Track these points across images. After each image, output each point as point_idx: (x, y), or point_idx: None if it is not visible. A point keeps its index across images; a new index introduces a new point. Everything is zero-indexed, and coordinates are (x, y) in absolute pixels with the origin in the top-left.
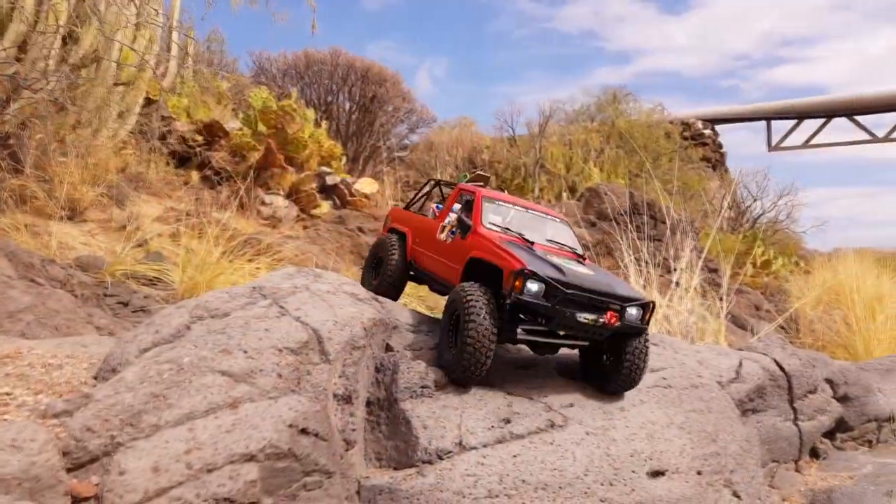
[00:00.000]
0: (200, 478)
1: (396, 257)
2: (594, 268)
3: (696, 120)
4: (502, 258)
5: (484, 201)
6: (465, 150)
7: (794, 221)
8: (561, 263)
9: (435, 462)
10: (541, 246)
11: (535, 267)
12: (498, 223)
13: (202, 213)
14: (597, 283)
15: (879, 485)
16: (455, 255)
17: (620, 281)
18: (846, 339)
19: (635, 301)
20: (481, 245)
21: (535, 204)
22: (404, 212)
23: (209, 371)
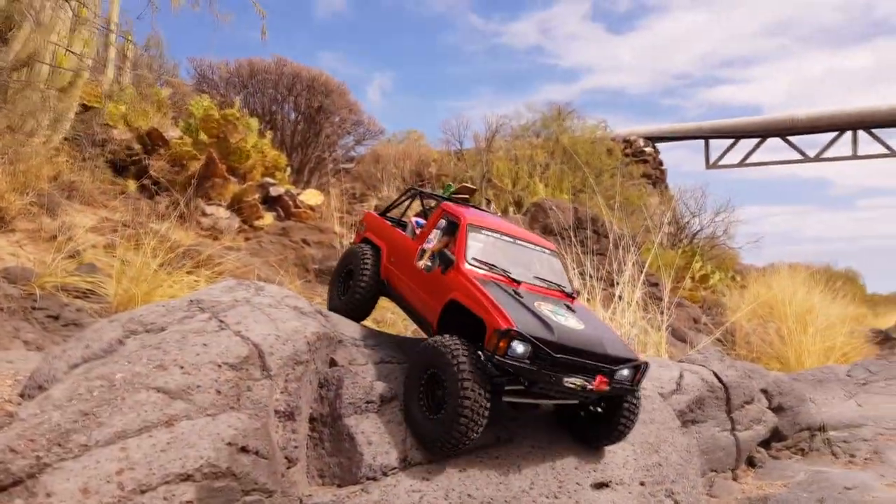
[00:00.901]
0: (133, 499)
1: (369, 273)
2: (584, 315)
3: (638, 137)
4: (486, 311)
5: (469, 231)
6: (413, 162)
7: (730, 237)
8: (549, 316)
9: (380, 478)
10: (528, 286)
11: (522, 324)
12: (482, 258)
13: (139, 223)
14: (587, 341)
15: (812, 492)
16: (433, 291)
17: (612, 334)
18: (779, 351)
19: (626, 362)
20: (463, 288)
21: (524, 231)
22: (380, 220)
23: (143, 388)
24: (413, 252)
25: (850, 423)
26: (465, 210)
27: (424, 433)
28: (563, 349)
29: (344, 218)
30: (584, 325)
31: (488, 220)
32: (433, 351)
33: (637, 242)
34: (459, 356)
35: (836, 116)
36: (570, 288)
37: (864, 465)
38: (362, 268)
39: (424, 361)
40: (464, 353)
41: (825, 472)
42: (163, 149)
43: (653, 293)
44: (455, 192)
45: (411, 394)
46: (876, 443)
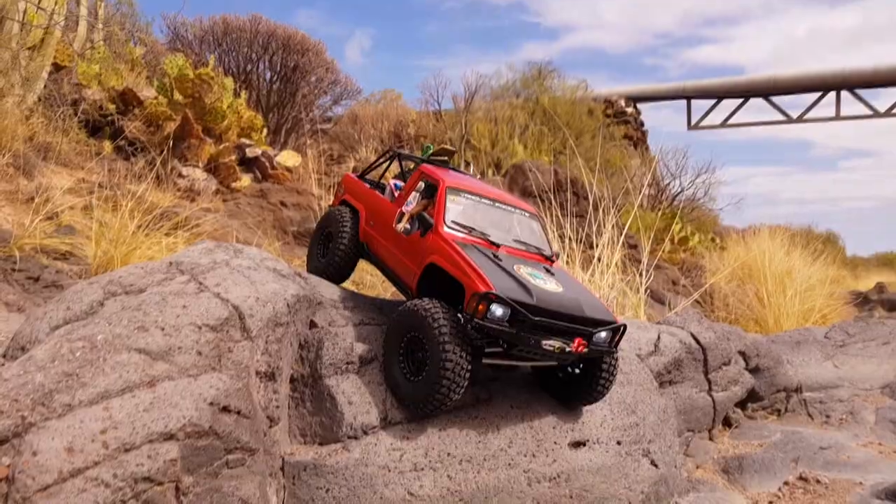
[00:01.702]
0: (118, 457)
1: (347, 237)
2: (563, 277)
3: (619, 98)
4: (465, 274)
5: (448, 194)
6: (391, 123)
7: (711, 199)
8: (528, 278)
9: (360, 437)
10: (507, 248)
11: (501, 287)
12: (461, 221)
13: (116, 184)
14: (566, 303)
15: (787, 452)
16: (412, 254)
17: (591, 297)
18: (758, 313)
19: (605, 324)
20: (442, 251)
21: (503, 193)
22: (359, 183)
23: (125, 349)
24: (392, 215)
25: (827, 385)
26: (443, 173)
27: (406, 395)
28: (541, 312)
29: (322, 179)
30: (562, 288)
31: (467, 182)
32: (413, 314)
33: (617, 205)
34: (440, 319)
35: (819, 76)
36: (550, 251)
37: (839, 425)
38: (341, 231)
39: (404, 324)
40: (444, 316)
41: (800, 433)
42: (137, 109)
43: (632, 255)
44: (434, 154)
45: (391, 357)
46: (851, 403)
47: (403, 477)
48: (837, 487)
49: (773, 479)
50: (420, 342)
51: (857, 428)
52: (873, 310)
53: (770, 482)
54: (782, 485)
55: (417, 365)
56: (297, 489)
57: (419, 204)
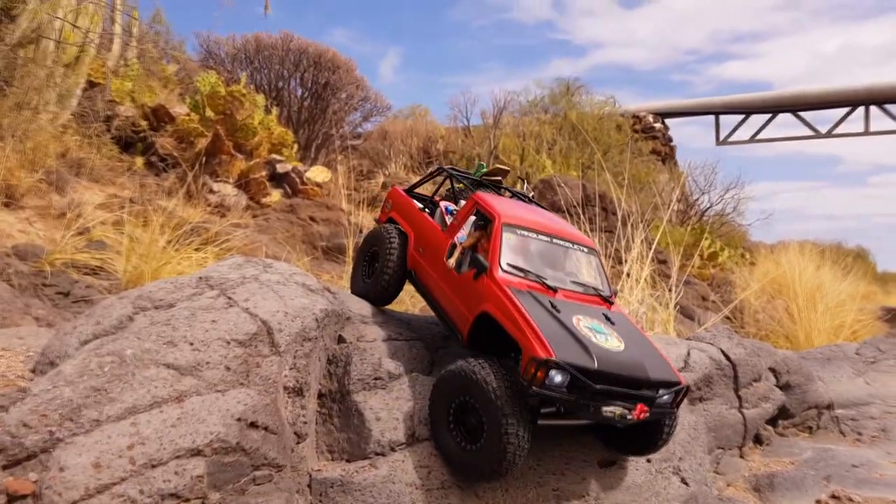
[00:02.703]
0: (144, 473)
1: (395, 260)
2: (624, 327)
3: (647, 113)
4: (523, 332)
5: (503, 231)
6: (420, 139)
7: (740, 214)
8: (588, 335)
9: (388, 454)
10: (565, 293)
11: (560, 350)
12: (517, 263)
13: (147, 200)
14: (628, 365)
15: (819, 469)
16: (464, 296)
17: (654, 351)
18: (788, 329)
19: (668, 385)
20: (497, 300)
21: (560, 225)
22: (407, 200)
23: (153, 364)
24: (443, 245)
25: (858, 401)
26: (498, 204)
27: (463, 464)
28: (603, 377)
29: (351, 195)
30: (624, 345)
31: (523, 214)
32: (464, 378)
33: (646, 219)
34: (494, 384)
35: (847, 92)
36: (609, 290)
37: (871, 442)
38: (388, 253)
39: (453, 387)
40: (499, 381)
41: (832, 450)
42: (169, 125)
43: (661, 270)
44: (487, 174)
45: (440, 422)
46: (884, 420)
47: (431, 495)
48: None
49: (804, 497)
50: (472, 407)
51: (889, 445)
52: None
53: (802, 500)
54: (814, 503)
55: (470, 431)
56: None
57: (472, 236)
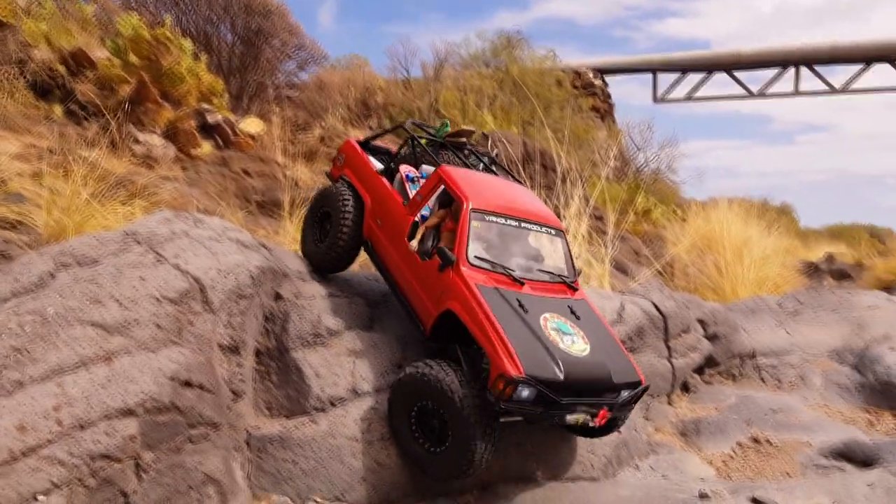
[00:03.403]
0: (73, 435)
1: (349, 226)
2: (590, 324)
3: (587, 69)
4: (491, 344)
5: (472, 220)
6: (358, 90)
7: (673, 172)
8: (556, 340)
9: (328, 409)
10: (532, 284)
11: (529, 362)
12: (485, 255)
13: (68, 150)
14: (594, 371)
15: (741, 414)
16: (427, 286)
17: (617, 349)
18: (716, 282)
19: (631, 386)
20: (464, 300)
21: (528, 204)
22: (362, 159)
23: (78, 323)
24: (403, 222)
25: (779, 350)
26: (466, 185)
27: (430, 467)
28: (569, 387)
29: (287, 148)
30: (589, 347)
31: (492, 195)
32: (427, 384)
33: (584, 177)
34: (463, 396)
35: (780, 52)
36: (574, 273)
37: (790, 388)
38: (342, 218)
39: (415, 392)
40: (467, 391)
41: (753, 396)
42: (89, 71)
43: (598, 227)
44: (450, 136)
45: (402, 426)
46: (802, 368)
47: (372, 447)
48: (787, 447)
49: (727, 441)
50: (434, 410)
51: (806, 391)
52: (823, 279)
53: (724, 443)
54: (736, 445)
55: (434, 434)
56: (264, 462)
57: (436, 214)
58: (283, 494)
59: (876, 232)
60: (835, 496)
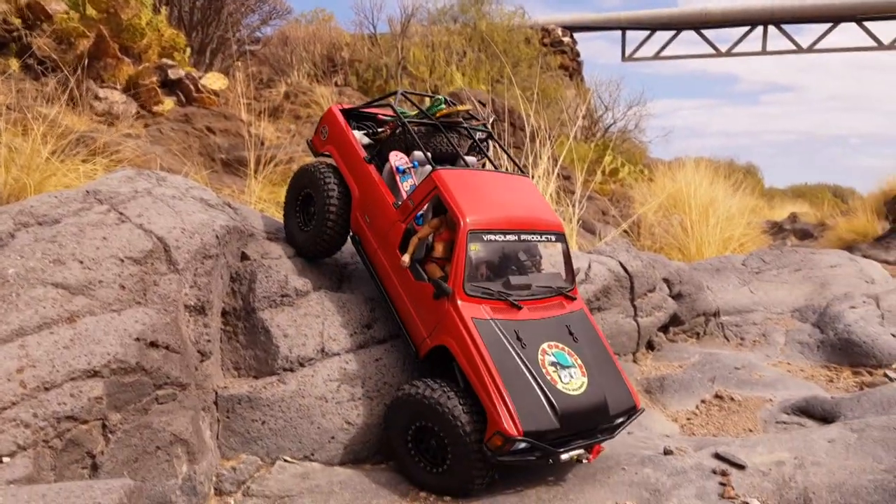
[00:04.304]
0: (37, 397)
1: (335, 213)
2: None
3: (556, 27)
4: (490, 398)
5: (469, 241)
6: (324, 46)
7: (641, 131)
8: (554, 380)
9: (297, 369)
10: (530, 305)
11: (527, 418)
12: (481, 282)
13: (26, 106)
14: (592, 407)
15: (704, 372)
16: (422, 310)
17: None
18: (682, 242)
19: (625, 413)
20: (460, 339)
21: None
22: (348, 137)
23: (39, 283)
24: (394, 227)
25: (743, 309)
26: (462, 199)
27: (427, 485)
28: (566, 431)
29: (251, 104)
30: (587, 378)
31: (489, 208)
32: (427, 406)
33: (552, 136)
34: (466, 421)
35: (748, 11)
36: (572, 280)
37: (753, 346)
38: (328, 205)
39: (414, 413)
40: (470, 416)
41: (717, 354)
42: (46, 24)
43: (566, 186)
44: (443, 116)
45: (398, 443)
46: (764, 326)
47: (341, 407)
48: (749, 404)
49: (691, 398)
50: (431, 430)
51: (768, 349)
52: (787, 238)
53: (689, 400)
54: (699, 402)
55: (433, 454)
56: (232, 422)
57: (429, 224)
58: (252, 454)
59: (839, 192)
60: (796, 451)
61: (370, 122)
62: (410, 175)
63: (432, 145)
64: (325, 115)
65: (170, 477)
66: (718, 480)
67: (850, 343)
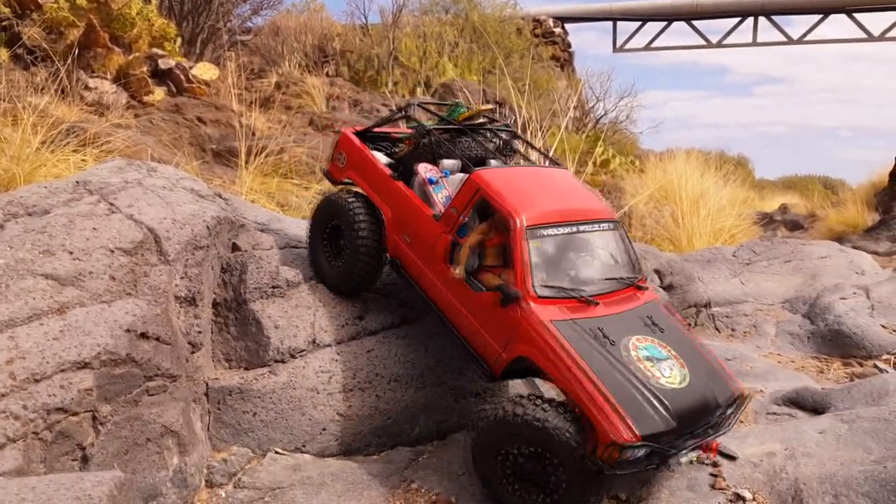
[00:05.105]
0: (27, 388)
1: (368, 244)
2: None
3: (547, 17)
4: (593, 404)
5: (526, 239)
6: (315, 36)
7: (632, 122)
8: (655, 375)
9: (288, 361)
10: (604, 299)
11: (640, 419)
12: (550, 280)
13: (16, 96)
14: (700, 401)
15: None
16: (488, 323)
17: (705, 358)
18: (673, 233)
19: (732, 403)
20: (542, 345)
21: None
22: (368, 158)
23: (29, 274)
24: (438, 240)
25: (734, 300)
26: (510, 195)
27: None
28: (681, 430)
29: (242, 95)
30: (688, 370)
31: (539, 201)
32: (532, 430)
33: (544, 127)
34: (580, 442)
35: (738, 2)
36: (638, 269)
37: (744, 337)
38: (359, 235)
39: (514, 435)
40: (578, 433)
41: (708, 345)
42: (36, 13)
43: None
44: (467, 119)
45: (491, 474)
46: (755, 317)
47: (332, 398)
48: None
49: None
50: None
51: (759, 340)
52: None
53: None
54: None
55: (532, 482)
56: (223, 414)
57: (477, 231)
58: (243, 446)
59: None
60: (787, 443)
61: (385, 141)
62: (443, 185)
63: (459, 151)
64: (340, 140)
65: (160, 469)
66: (709, 472)
67: (841, 334)
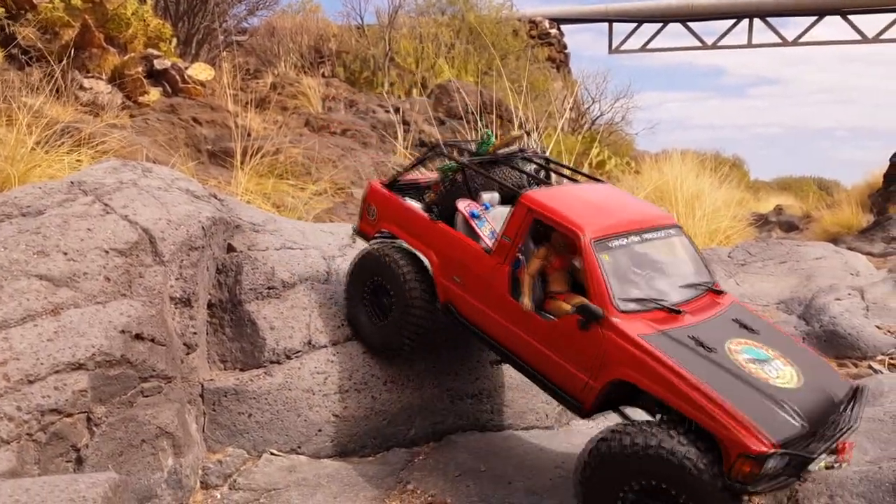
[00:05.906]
0: (21, 390)
1: (419, 298)
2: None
3: (543, 19)
4: (712, 417)
5: (597, 253)
6: (311, 37)
7: (628, 123)
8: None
9: (283, 362)
10: (687, 308)
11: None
12: (628, 293)
13: (10, 97)
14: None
15: None
16: (568, 352)
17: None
18: None
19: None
20: (640, 364)
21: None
22: (404, 206)
23: (23, 275)
24: (496, 275)
25: None
26: (569, 211)
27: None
28: (810, 433)
29: (238, 95)
30: (797, 368)
31: (599, 212)
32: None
33: (540, 128)
34: (711, 474)
35: (734, 3)
36: (711, 274)
37: None
38: (407, 290)
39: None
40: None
41: None
42: (31, 13)
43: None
44: (499, 147)
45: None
46: None
47: (328, 399)
48: None
49: None
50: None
51: None
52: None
53: None
54: None
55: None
56: (218, 415)
57: (537, 256)
58: (238, 447)
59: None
60: None
61: (411, 190)
62: (485, 219)
63: (498, 180)
64: (368, 193)
65: (155, 470)
66: None
67: (836, 335)
